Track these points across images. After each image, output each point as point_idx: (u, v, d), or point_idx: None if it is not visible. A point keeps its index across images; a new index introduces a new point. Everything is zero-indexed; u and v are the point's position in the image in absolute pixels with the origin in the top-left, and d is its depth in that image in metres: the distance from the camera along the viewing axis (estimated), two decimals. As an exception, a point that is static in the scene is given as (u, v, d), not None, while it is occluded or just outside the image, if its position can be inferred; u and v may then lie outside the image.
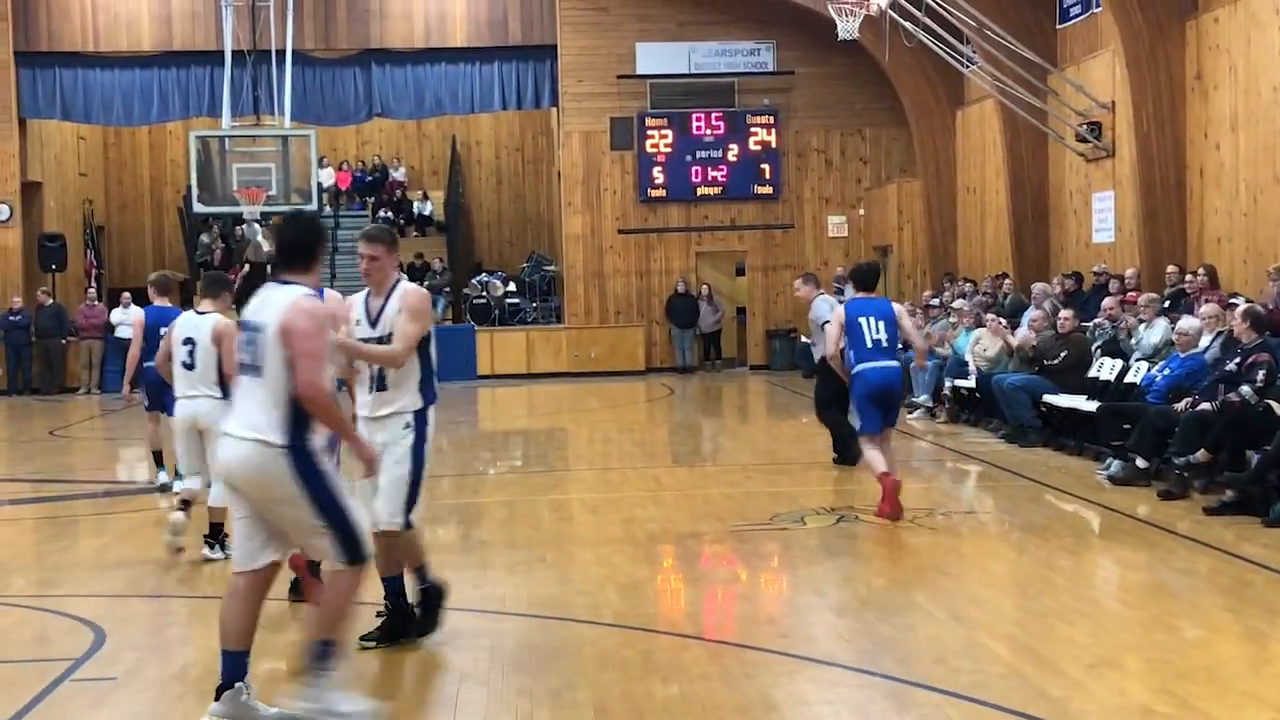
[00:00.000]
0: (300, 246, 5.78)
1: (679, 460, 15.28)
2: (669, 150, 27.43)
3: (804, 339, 12.08)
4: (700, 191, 27.56)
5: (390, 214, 32.05)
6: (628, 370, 26.82)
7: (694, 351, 27.58)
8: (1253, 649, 6.94)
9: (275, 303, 5.61)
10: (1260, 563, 8.59)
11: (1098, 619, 7.55)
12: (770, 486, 12.38)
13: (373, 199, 32.43)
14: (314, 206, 26.56)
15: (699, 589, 8.75)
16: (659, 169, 27.43)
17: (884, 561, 9.09)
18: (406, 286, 6.93)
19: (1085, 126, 19.06)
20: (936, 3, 18.72)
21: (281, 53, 25.57)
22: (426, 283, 28.51)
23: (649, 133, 27.37)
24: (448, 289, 28.82)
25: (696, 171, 27.49)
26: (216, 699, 5.63)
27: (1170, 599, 8.06)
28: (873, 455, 10.55)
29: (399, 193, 32.69)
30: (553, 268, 29.37)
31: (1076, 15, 20.22)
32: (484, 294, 28.40)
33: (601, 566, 8.98)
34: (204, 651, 7.03)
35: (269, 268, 27.80)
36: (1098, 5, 18.66)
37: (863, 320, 10.57)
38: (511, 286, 29.12)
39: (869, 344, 10.53)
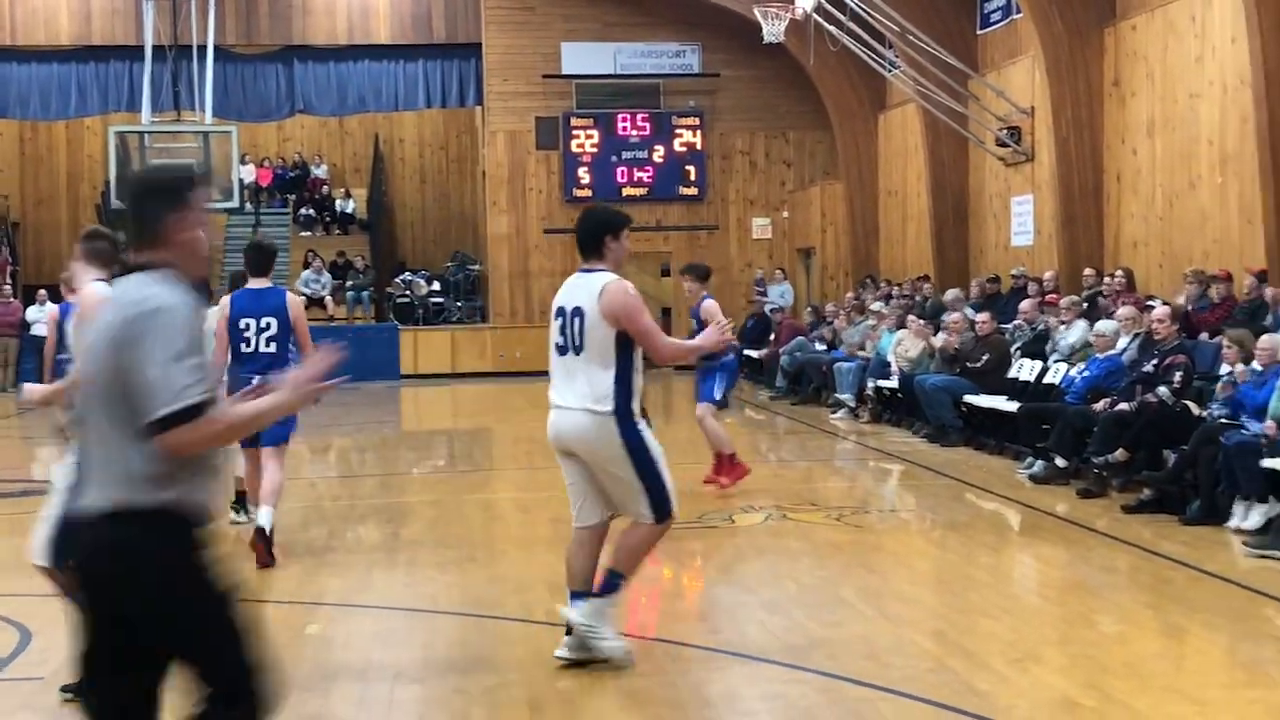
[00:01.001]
0: (588, 238, 6.48)
1: (605, 460, 15.28)
2: (595, 151, 27.46)
3: None
4: (626, 192, 27.59)
5: (312, 211, 31.79)
6: (552, 370, 26.75)
7: (618, 352, 27.58)
8: (1173, 644, 7.11)
9: (586, 288, 6.34)
10: (1179, 560, 8.79)
11: (1021, 615, 7.69)
12: (698, 485, 12.43)
13: (294, 196, 32.15)
14: (234, 203, 26.34)
15: (630, 587, 8.78)
16: (584, 169, 27.45)
17: (811, 559, 9.19)
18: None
19: (1005, 131, 19.34)
20: (860, 7, 18.92)
21: (203, 48, 25.30)
22: (349, 282, 28.38)
23: (574, 133, 27.38)
24: (371, 288, 28.66)
25: (622, 172, 27.55)
26: (567, 633, 6.51)
27: (1091, 595, 8.23)
28: (720, 427, 11.90)
29: (321, 190, 32.45)
30: (477, 267, 29.28)
31: (997, 21, 20.51)
32: (407, 293, 28.25)
33: (533, 565, 8.99)
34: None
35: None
36: (1018, 11, 18.94)
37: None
38: (435, 285, 28.98)
39: None
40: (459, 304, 28.56)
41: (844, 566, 8.95)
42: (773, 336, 22.59)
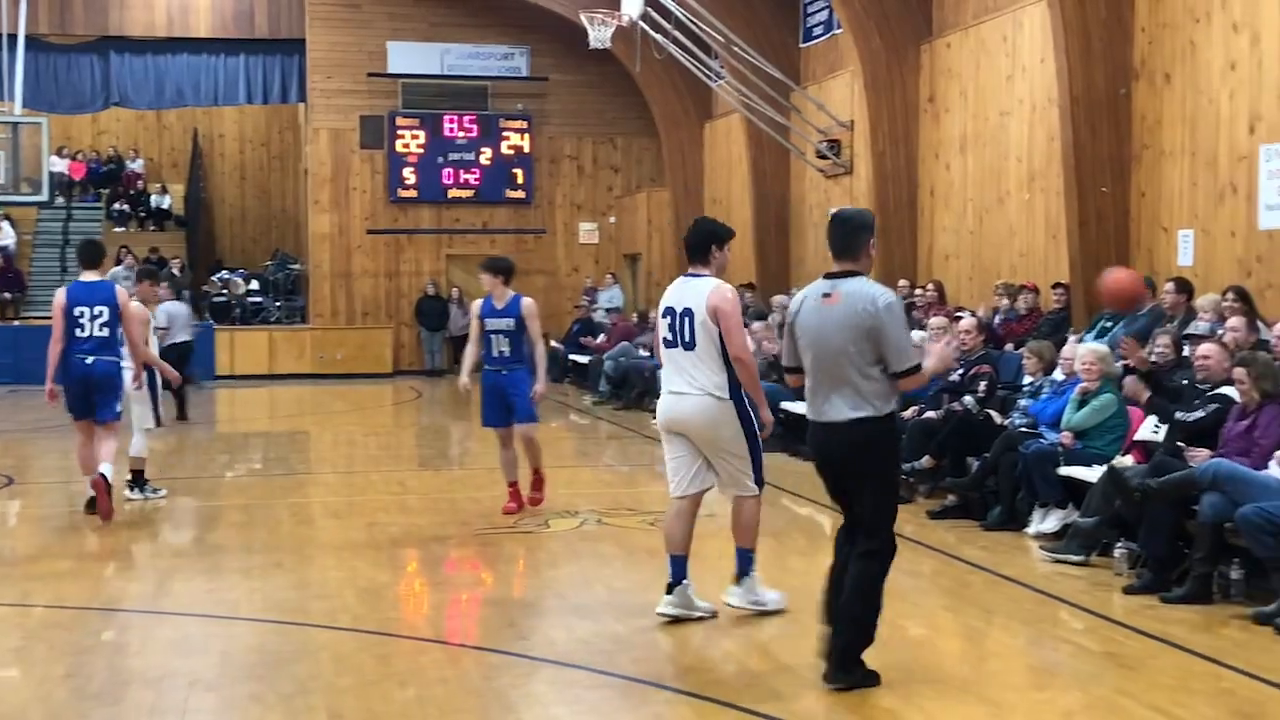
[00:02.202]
0: (696, 246, 7.32)
1: (425, 464, 15.17)
2: (420, 151, 27.20)
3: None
4: (452, 194, 27.41)
5: (126, 207, 30.90)
6: (375, 372, 26.43)
7: (443, 354, 27.38)
8: (970, 646, 7.30)
9: (695, 291, 7.20)
10: (978, 564, 9.04)
11: (827, 619, 7.79)
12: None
13: (108, 191, 31.21)
14: (44, 197, 25.43)
15: (441, 593, 8.72)
16: (410, 169, 27.17)
17: (624, 564, 9.21)
18: None
19: (825, 144, 19.67)
20: (685, 17, 19.08)
21: (13, 36, 24.35)
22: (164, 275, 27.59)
23: (400, 132, 27.08)
24: (187, 287, 27.95)
25: (448, 174, 27.33)
26: (668, 593, 7.36)
27: (896, 599, 8.33)
28: (507, 456, 11.14)
29: (136, 185, 31.55)
30: (298, 266, 28.77)
31: (819, 35, 20.87)
32: (224, 292, 27.64)
33: (341, 571, 8.85)
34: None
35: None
36: (839, 27, 19.29)
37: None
38: (254, 284, 28.39)
39: (494, 352, 10.99)
40: (278, 304, 28.02)
41: (657, 571, 8.92)
42: (603, 337, 22.82)
